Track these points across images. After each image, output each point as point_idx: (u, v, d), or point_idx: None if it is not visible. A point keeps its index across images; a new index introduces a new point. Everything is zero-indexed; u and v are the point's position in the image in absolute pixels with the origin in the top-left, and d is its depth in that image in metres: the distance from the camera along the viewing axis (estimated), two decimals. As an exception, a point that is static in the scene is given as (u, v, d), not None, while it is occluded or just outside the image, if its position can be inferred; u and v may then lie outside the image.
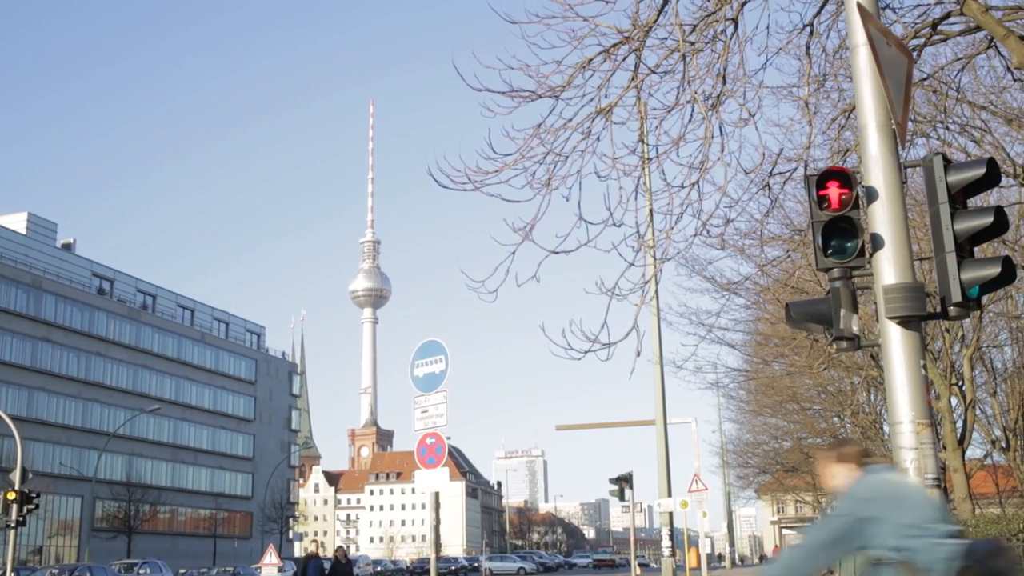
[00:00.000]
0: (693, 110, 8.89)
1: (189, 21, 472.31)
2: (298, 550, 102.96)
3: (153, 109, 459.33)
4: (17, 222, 79.45)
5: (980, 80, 14.59)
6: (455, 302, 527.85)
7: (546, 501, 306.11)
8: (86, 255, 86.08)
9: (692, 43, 8.87)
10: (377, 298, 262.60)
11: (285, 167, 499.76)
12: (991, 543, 5.61)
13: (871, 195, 6.64)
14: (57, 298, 77.65)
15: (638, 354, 8.81)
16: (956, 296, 6.41)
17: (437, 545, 12.83)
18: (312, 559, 23.03)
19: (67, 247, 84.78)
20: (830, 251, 6.68)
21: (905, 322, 6.43)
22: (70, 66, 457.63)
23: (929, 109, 14.18)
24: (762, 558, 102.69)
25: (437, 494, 12.93)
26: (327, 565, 23.32)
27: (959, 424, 22.34)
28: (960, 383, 22.42)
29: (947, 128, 14.15)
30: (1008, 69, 12.07)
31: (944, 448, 21.19)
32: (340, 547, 24.86)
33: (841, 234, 6.65)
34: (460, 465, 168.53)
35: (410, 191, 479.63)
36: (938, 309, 6.61)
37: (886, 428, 32.37)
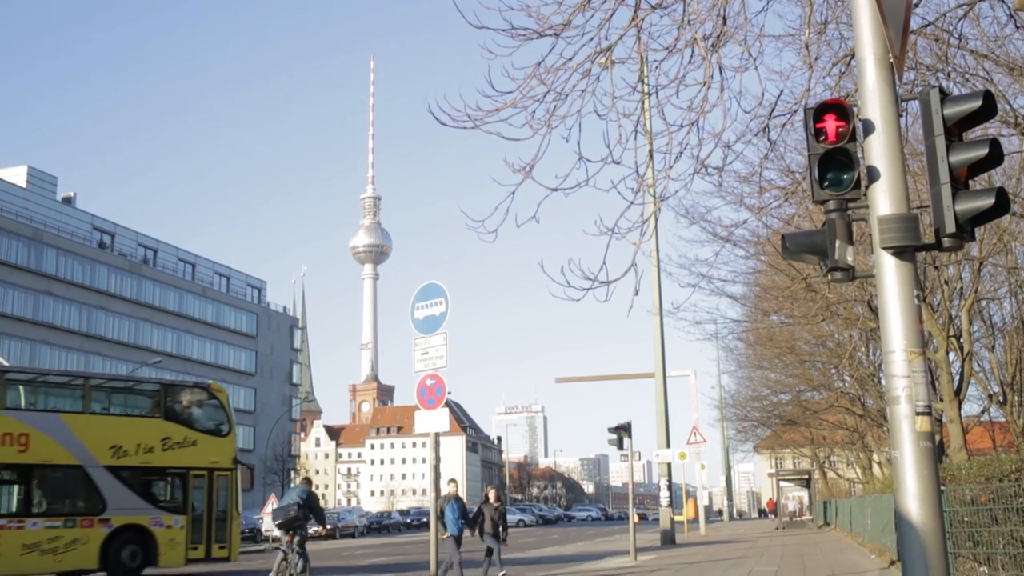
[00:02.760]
0: (693, 52, 8.89)
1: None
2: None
3: (155, 68, 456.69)
4: (17, 175, 79.29)
5: (983, 30, 14.53)
6: (456, 260, 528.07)
7: (546, 456, 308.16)
8: (86, 209, 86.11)
9: (693, -19, 8.85)
10: (378, 254, 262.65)
11: (286, 123, 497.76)
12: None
13: (868, 128, 6.68)
14: (58, 251, 77.70)
15: (636, 293, 8.90)
16: (950, 227, 6.48)
17: (437, 485, 13.01)
18: (452, 500, 18.68)
19: (67, 201, 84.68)
20: (826, 183, 6.73)
21: (899, 252, 6.51)
22: (74, 25, 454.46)
23: (931, 59, 14.16)
24: (761, 512, 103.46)
25: (437, 435, 13.08)
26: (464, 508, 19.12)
27: (956, 377, 22.44)
28: (958, 336, 22.47)
29: (948, 77, 14.12)
30: (1010, 15, 12.04)
31: (941, 400, 21.33)
32: (493, 486, 22.01)
33: (837, 166, 6.70)
34: (460, 420, 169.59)
35: (411, 148, 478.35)
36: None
37: (884, 381, 32.52)
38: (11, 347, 69.99)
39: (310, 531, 16.68)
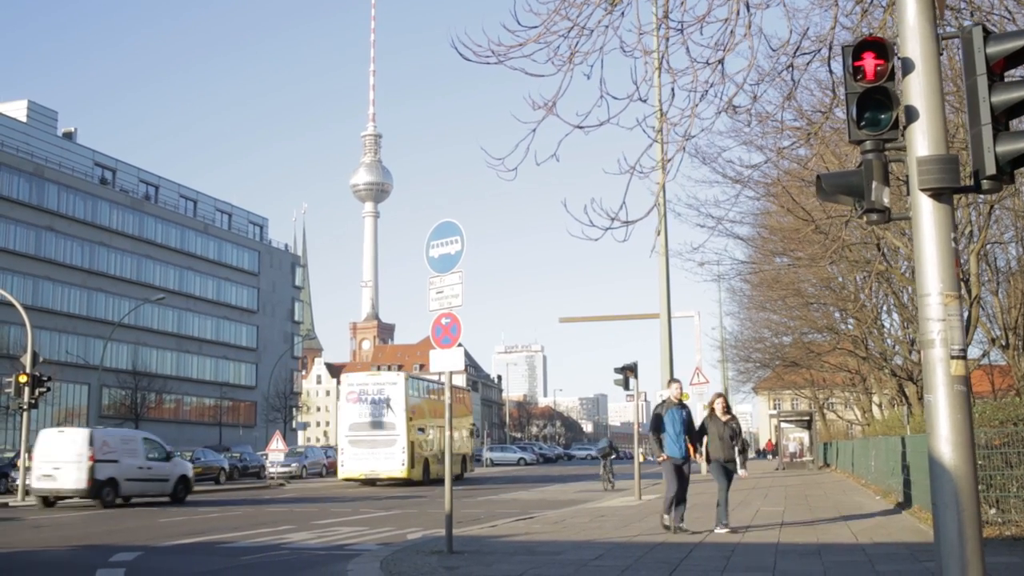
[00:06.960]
0: (718, -12, 8.70)
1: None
2: (301, 439, 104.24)
3: (153, 6, 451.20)
4: (17, 110, 78.71)
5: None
6: (458, 200, 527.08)
7: (545, 395, 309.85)
8: (87, 145, 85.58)
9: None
10: (378, 192, 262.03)
11: (288, 63, 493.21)
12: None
13: (907, 66, 6.53)
14: (60, 187, 77.43)
15: (658, 233, 8.86)
16: (990, 169, 6.35)
17: (450, 423, 13.01)
18: (673, 408, 14.90)
19: (68, 136, 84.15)
20: (864, 123, 6.58)
21: (937, 194, 6.40)
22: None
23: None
24: (759, 452, 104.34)
25: (451, 374, 13.06)
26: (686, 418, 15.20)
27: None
28: (966, 279, 22.43)
29: (987, 15, 13.83)
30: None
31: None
32: (720, 394, 16.21)
33: (876, 106, 6.55)
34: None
35: (412, 90, 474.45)
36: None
37: (887, 324, 32.49)
38: (14, 283, 69.98)
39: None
